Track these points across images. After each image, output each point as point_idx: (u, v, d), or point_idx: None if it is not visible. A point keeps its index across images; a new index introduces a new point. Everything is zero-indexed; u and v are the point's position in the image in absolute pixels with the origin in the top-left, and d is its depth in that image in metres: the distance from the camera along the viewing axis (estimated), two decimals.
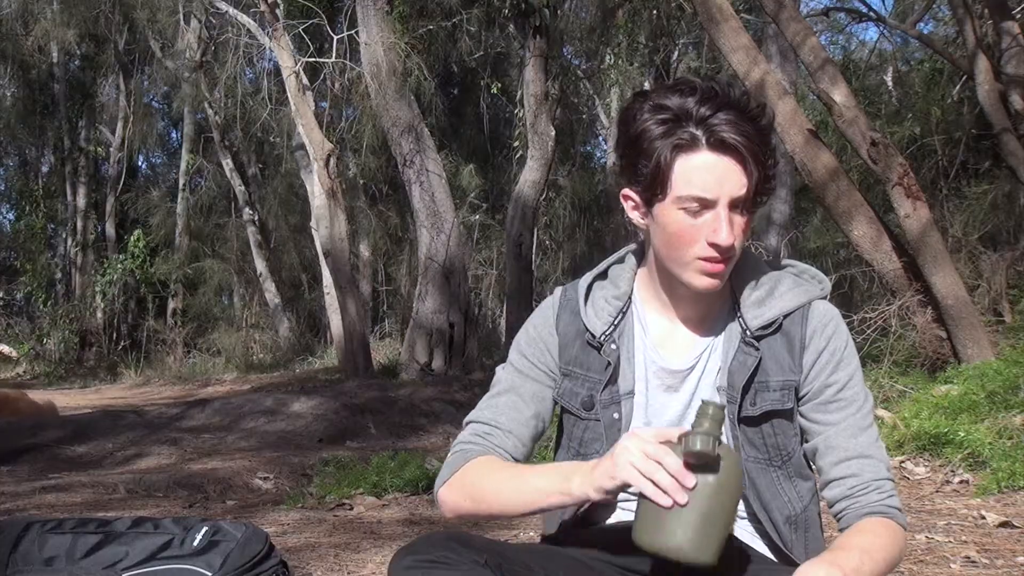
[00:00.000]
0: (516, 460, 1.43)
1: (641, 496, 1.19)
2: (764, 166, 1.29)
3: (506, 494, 1.34)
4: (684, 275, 1.34)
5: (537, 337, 1.47)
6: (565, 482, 1.27)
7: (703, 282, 1.33)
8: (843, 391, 1.36)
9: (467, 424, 1.49)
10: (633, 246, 1.51)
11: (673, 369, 1.40)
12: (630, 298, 1.44)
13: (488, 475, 1.37)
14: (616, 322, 1.42)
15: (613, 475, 1.20)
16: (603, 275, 1.48)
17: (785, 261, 1.47)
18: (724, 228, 1.28)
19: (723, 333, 1.40)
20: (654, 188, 1.31)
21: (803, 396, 1.37)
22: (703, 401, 1.21)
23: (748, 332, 1.37)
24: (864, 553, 1.20)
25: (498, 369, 1.51)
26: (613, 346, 1.41)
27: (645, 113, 1.31)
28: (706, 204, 1.28)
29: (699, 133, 1.27)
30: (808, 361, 1.37)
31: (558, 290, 1.51)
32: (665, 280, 1.40)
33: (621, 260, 1.49)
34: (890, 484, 1.34)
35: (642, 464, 1.17)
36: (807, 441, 1.39)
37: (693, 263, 1.31)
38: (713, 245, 1.29)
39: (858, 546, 1.22)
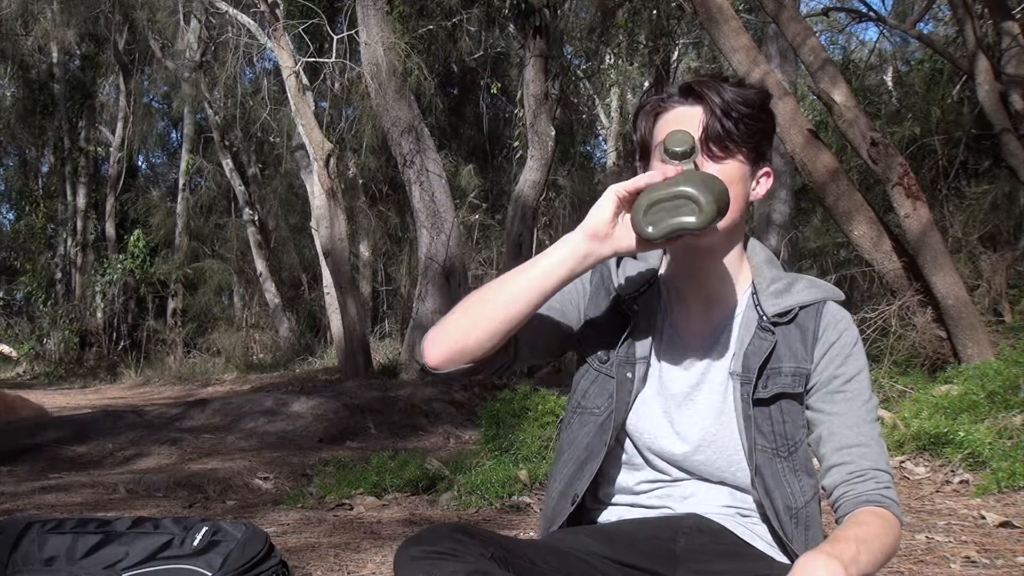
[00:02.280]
0: (519, 340, 1.42)
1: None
2: (727, 111, 1.36)
3: (502, 293, 1.36)
4: None
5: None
6: (556, 249, 1.34)
7: None
8: (849, 383, 1.41)
9: None
10: None
11: (687, 346, 1.45)
12: (657, 273, 1.50)
13: (477, 292, 1.40)
14: (642, 290, 1.48)
15: (601, 204, 1.30)
16: (633, 255, 1.54)
17: (800, 275, 1.52)
18: None
19: (739, 319, 1.44)
20: (646, 152, 1.43)
21: (811, 387, 1.41)
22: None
23: (765, 317, 1.42)
24: (860, 543, 1.22)
25: None
26: (635, 307, 1.46)
27: (646, 101, 1.45)
28: None
29: (675, 93, 1.40)
30: (819, 352, 1.41)
31: None
32: (678, 259, 1.46)
33: None
34: (887, 476, 1.37)
35: (623, 183, 1.27)
36: (811, 432, 1.42)
37: None
38: None
39: (854, 537, 1.24)
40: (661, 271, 1.51)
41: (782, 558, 1.39)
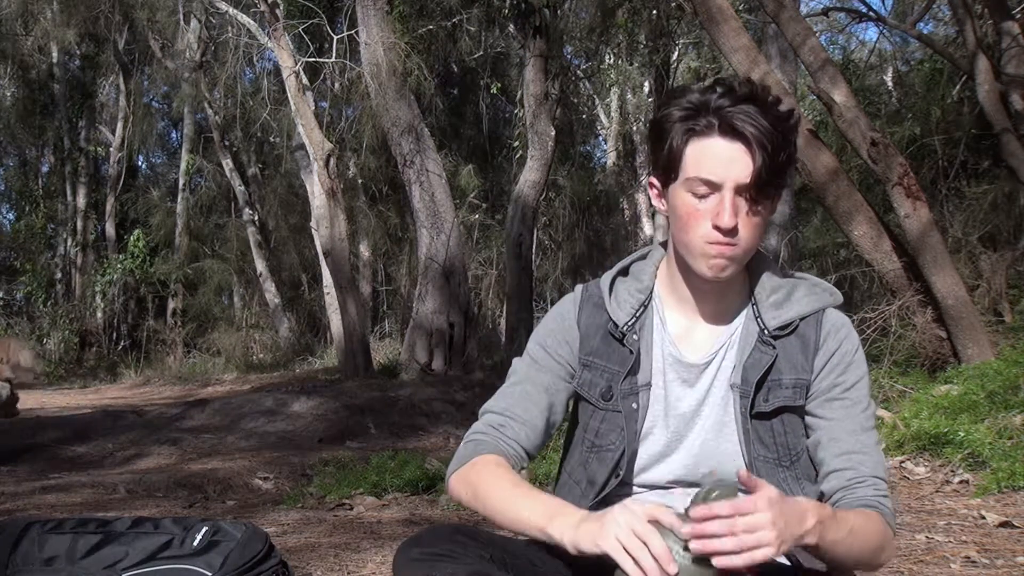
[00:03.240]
0: (528, 452, 1.46)
1: (620, 570, 1.16)
2: (773, 157, 1.30)
3: (497, 509, 1.35)
4: (693, 261, 1.37)
5: (557, 329, 1.50)
6: (547, 520, 1.26)
7: (709, 265, 1.35)
8: (849, 391, 1.41)
9: (482, 414, 1.51)
10: (654, 245, 1.56)
11: (690, 363, 1.44)
12: (651, 292, 1.48)
13: (488, 481, 1.38)
14: (638, 314, 1.46)
15: (596, 541, 1.18)
16: (625, 272, 1.52)
17: (799, 274, 1.51)
18: (726, 211, 1.31)
19: (740, 332, 1.44)
20: (668, 170, 1.37)
21: (811, 394, 1.41)
22: (715, 481, 1.17)
23: (766, 331, 1.42)
24: (842, 522, 1.25)
25: (515, 360, 1.53)
26: (635, 337, 1.44)
27: (671, 105, 1.37)
28: (712, 187, 1.32)
29: (713, 120, 1.32)
30: (819, 362, 1.41)
31: (579, 287, 1.55)
32: (683, 272, 1.44)
33: (643, 258, 1.53)
34: (885, 485, 1.38)
35: (627, 540, 1.15)
36: (810, 437, 1.42)
37: (700, 247, 1.35)
38: (716, 228, 1.32)
39: (841, 516, 1.26)
40: (656, 287, 1.49)
41: (781, 559, 1.39)
